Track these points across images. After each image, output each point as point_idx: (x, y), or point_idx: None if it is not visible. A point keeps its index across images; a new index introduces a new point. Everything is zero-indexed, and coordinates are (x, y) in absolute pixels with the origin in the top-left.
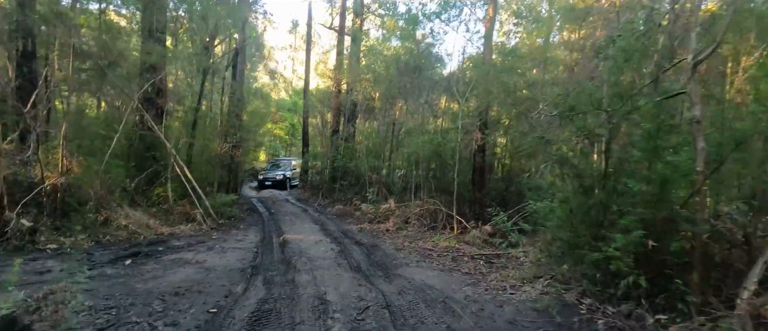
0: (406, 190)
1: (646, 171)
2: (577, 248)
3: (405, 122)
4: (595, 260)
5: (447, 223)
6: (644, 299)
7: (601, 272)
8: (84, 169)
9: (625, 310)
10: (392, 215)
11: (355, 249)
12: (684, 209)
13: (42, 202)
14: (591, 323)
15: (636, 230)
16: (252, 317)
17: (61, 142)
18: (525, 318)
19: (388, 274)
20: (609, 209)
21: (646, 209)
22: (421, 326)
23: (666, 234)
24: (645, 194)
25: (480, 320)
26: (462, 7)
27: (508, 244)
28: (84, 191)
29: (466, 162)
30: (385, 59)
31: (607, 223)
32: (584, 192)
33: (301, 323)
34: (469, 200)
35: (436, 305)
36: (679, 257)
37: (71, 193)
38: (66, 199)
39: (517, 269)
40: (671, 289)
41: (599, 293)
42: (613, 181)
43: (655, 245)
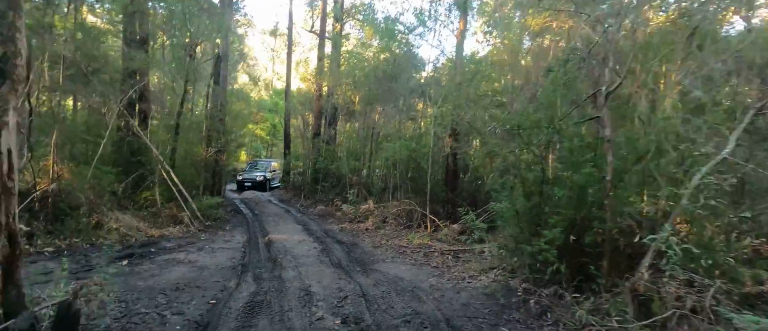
0: (385, 191)
1: (569, 180)
2: (521, 243)
3: (384, 126)
4: (530, 252)
5: (421, 222)
6: (566, 282)
7: (536, 262)
8: (74, 174)
9: (551, 291)
10: (371, 215)
11: (336, 247)
12: (597, 210)
13: (33, 207)
14: (525, 303)
15: (561, 228)
16: (247, 307)
17: (52, 150)
18: (476, 301)
19: (366, 269)
20: (543, 210)
21: (568, 210)
22: (391, 310)
23: (584, 230)
24: (568, 198)
25: (440, 304)
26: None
27: (474, 240)
28: (74, 197)
29: (440, 165)
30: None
31: (542, 222)
32: (526, 196)
33: (290, 311)
34: (442, 201)
35: (405, 293)
36: (593, 248)
37: (62, 198)
38: (58, 204)
39: (479, 262)
40: (586, 273)
41: (535, 279)
42: (547, 187)
43: (575, 239)
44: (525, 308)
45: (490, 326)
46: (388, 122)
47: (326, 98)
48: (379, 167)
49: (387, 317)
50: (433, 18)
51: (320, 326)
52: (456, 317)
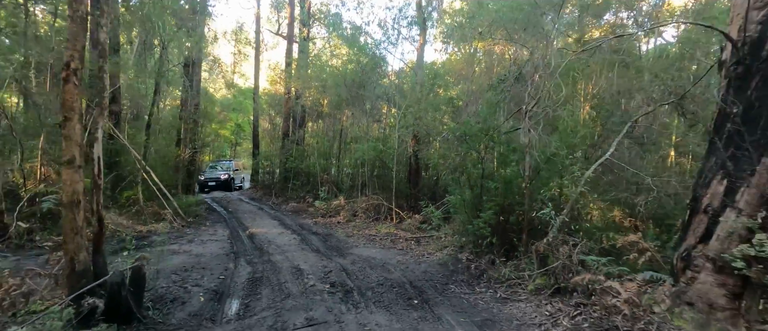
0: (354, 188)
1: (500, 176)
2: (467, 225)
3: (352, 127)
4: (472, 230)
5: (388, 214)
6: (497, 251)
7: (476, 238)
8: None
9: (487, 259)
10: (342, 210)
11: (313, 238)
12: (519, 197)
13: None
14: (468, 268)
15: (494, 211)
16: (249, 281)
17: (39, 154)
18: (433, 270)
19: (342, 253)
20: (482, 198)
21: (499, 198)
22: (367, 279)
23: (509, 212)
24: (498, 189)
25: (405, 273)
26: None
27: (433, 228)
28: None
29: (403, 164)
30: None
31: (481, 207)
32: (470, 188)
33: (286, 282)
34: (405, 195)
35: (377, 267)
36: (516, 225)
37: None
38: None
39: (436, 244)
40: (511, 244)
41: (476, 251)
42: (485, 181)
43: (504, 219)
44: (468, 272)
45: (442, 285)
46: (355, 124)
47: (295, 100)
48: (348, 166)
49: (365, 283)
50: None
51: (313, 290)
52: (417, 280)
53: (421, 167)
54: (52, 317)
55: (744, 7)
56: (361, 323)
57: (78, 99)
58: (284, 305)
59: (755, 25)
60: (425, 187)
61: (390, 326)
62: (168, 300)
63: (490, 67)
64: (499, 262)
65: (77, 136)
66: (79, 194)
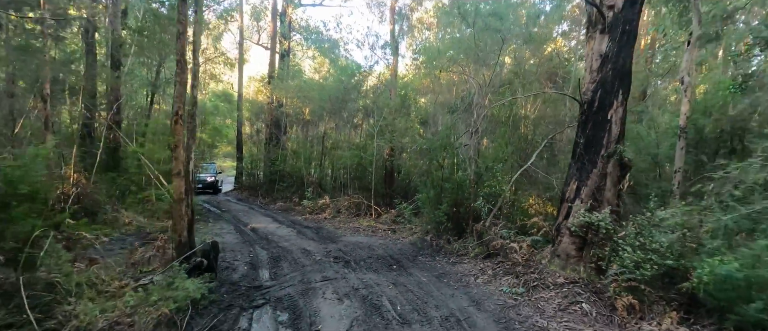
0: (337, 188)
1: (454, 179)
2: (430, 215)
3: (332, 134)
4: (434, 219)
5: (368, 211)
6: (450, 233)
7: (437, 224)
8: (86, 180)
9: (444, 238)
10: (328, 208)
11: (307, 230)
12: (467, 194)
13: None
14: (431, 245)
15: (449, 204)
16: (271, 258)
17: (73, 161)
18: (406, 248)
19: (334, 240)
20: (442, 195)
21: (453, 194)
22: (358, 255)
23: (460, 205)
24: (452, 189)
25: (385, 250)
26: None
27: (405, 220)
28: (92, 198)
29: (380, 168)
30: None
31: (440, 201)
32: (434, 188)
33: (299, 258)
34: (382, 195)
35: (364, 248)
36: (464, 214)
37: (80, 200)
38: (83, 204)
39: (408, 231)
40: (461, 228)
41: (436, 234)
42: (444, 183)
43: (456, 210)
44: (431, 248)
45: (412, 256)
46: (336, 131)
47: (278, 108)
48: (331, 168)
49: (357, 257)
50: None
51: (320, 261)
52: (394, 255)
53: (394, 171)
54: (175, 269)
55: (586, 80)
56: (359, 279)
57: (182, 133)
58: (303, 271)
59: (590, 92)
60: (398, 187)
61: (378, 279)
62: (222, 268)
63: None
64: (453, 240)
65: (182, 157)
66: (182, 194)
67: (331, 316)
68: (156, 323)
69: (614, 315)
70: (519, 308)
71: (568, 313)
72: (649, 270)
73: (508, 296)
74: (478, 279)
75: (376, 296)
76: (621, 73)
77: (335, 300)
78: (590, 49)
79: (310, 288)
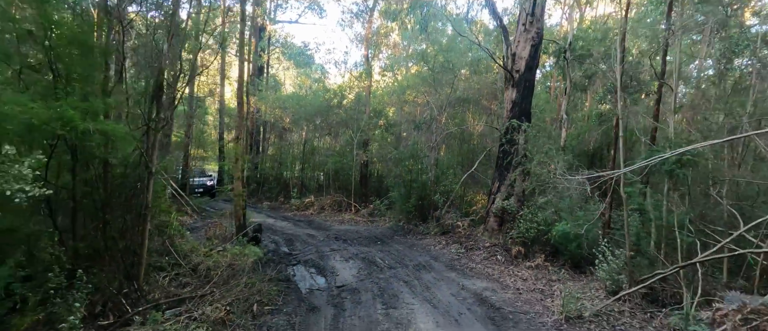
0: (319, 188)
1: (418, 180)
2: (402, 207)
3: (313, 141)
4: (405, 210)
5: (348, 208)
6: (417, 220)
7: (407, 213)
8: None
9: (412, 224)
10: (313, 205)
11: (301, 223)
12: (429, 191)
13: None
14: (403, 229)
15: (416, 198)
16: (286, 240)
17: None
18: (384, 231)
19: (327, 229)
20: (411, 193)
21: (419, 191)
22: (349, 236)
23: (424, 199)
24: (419, 187)
25: (369, 233)
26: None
27: (380, 213)
28: None
29: (358, 170)
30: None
31: (410, 196)
32: (405, 186)
33: (307, 240)
34: (359, 194)
35: (353, 232)
36: (427, 206)
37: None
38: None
39: (383, 221)
40: (425, 215)
41: (407, 220)
42: (412, 183)
43: (421, 203)
44: (403, 231)
45: (390, 237)
46: (318, 138)
47: (259, 116)
48: (313, 171)
49: (350, 237)
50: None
51: (324, 241)
52: (377, 235)
53: (370, 174)
54: (241, 241)
55: (504, 116)
56: (356, 249)
57: (241, 150)
58: (315, 246)
59: (506, 124)
60: (372, 187)
61: (369, 249)
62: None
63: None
64: (419, 224)
65: (240, 166)
66: (241, 190)
67: (343, 269)
68: (248, 267)
69: (512, 259)
70: (460, 260)
71: (489, 261)
72: (533, 232)
73: (455, 254)
74: (436, 247)
75: (371, 257)
76: (525, 113)
77: (343, 260)
78: (506, 96)
79: (323, 255)
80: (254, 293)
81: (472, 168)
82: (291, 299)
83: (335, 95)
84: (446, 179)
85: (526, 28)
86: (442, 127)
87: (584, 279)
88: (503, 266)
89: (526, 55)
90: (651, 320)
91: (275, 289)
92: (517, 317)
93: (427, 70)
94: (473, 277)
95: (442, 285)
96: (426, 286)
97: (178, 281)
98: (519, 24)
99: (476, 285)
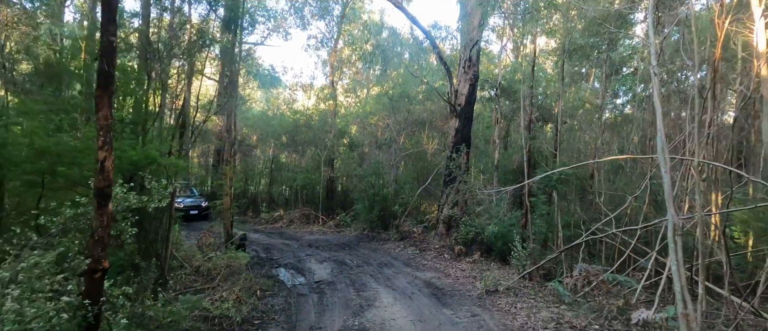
0: (288, 202)
1: (381, 193)
2: (366, 218)
3: (282, 158)
4: (369, 219)
5: (315, 220)
6: (380, 229)
7: (371, 223)
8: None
9: (375, 232)
10: (282, 219)
11: (273, 234)
12: (391, 202)
13: None
14: (367, 237)
15: (379, 209)
16: (265, 249)
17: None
18: (351, 239)
19: (299, 239)
20: (374, 205)
21: (381, 203)
22: (320, 244)
23: (386, 210)
24: (381, 200)
25: (338, 241)
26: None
27: (346, 224)
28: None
29: (324, 185)
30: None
31: (373, 208)
32: (368, 199)
33: (283, 248)
34: (326, 207)
35: (323, 241)
36: (389, 216)
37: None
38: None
39: (349, 231)
40: (386, 224)
41: (371, 230)
42: (375, 196)
43: (383, 213)
44: (367, 238)
45: (356, 243)
46: (285, 154)
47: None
48: (280, 186)
49: (321, 245)
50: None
51: (300, 248)
52: (345, 242)
53: (335, 188)
54: (230, 248)
55: (450, 141)
56: (327, 254)
57: (229, 172)
58: (291, 253)
59: (451, 147)
60: (338, 201)
61: (339, 253)
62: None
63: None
64: (381, 232)
65: (229, 184)
66: (228, 205)
67: (319, 269)
68: (243, 267)
69: (456, 257)
70: (415, 259)
71: (438, 259)
72: (471, 234)
73: (411, 255)
74: (396, 250)
75: (341, 259)
76: (466, 138)
77: (317, 263)
78: (451, 124)
79: (300, 259)
80: (253, 284)
81: (426, 183)
82: (283, 289)
83: (303, 116)
84: (404, 192)
85: (465, 70)
86: (400, 147)
87: (507, 268)
88: (448, 261)
89: (465, 92)
90: (542, 289)
91: (269, 282)
92: (452, 293)
93: (387, 99)
94: (424, 270)
95: (400, 276)
96: (387, 277)
97: (186, 279)
98: (460, 67)
99: (426, 275)
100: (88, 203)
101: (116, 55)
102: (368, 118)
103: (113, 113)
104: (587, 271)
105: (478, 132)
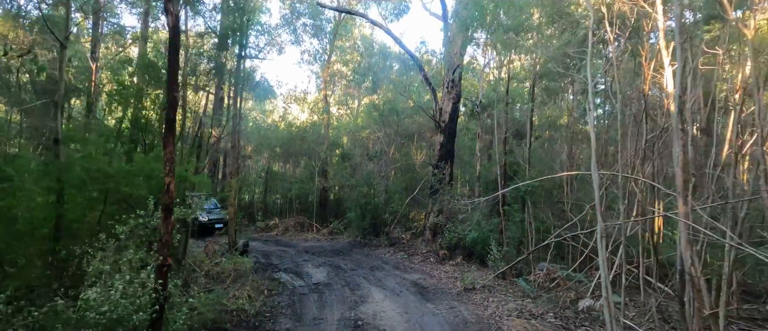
0: (282, 211)
1: (372, 202)
2: (358, 225)
3: (276, 168)
4: (361, 227)
5: (309, 228)
6: (372, 235)
7: (363, 230)
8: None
9: (367, 239)
10: (277, 227)
11: (270, 242)
12: (380, 211)
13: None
14: (359, 244)
15: (371, 216)
16: (264, 255)
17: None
18: (344, 246)
19: (295, 246)
20: (366, 213)
21: (372, 213)
22: (316, 250)
23: (377, 218)
24: (371, 208)
25: (332, 247)
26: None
27: (339, 232)
28: None
29: (318, 195)
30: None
31: (365, 217)
32: (360, 208)
33: (283, 254)
34: (320, 215)
35: (318, 248)
36: (379, 223)
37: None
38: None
39: (342, 238)
40: (377, 231)
41: (363, 236)
42: (367, 205)
43: (374, 221)
44: (360, 245)
45: (349, 249)
46: (279, 164)
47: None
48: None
49: (317, 251)
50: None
51: (296, 254)
52: (339, 249)
53: (328, 198)
54: (235, 254)
55: (435, 155)
56: (323, 259)
57: (235, 184)
58: (289, 258)
59: (436, 160)
60: (331, 209)
61: (334, 259)
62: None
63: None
64: (373, 239)
65: (233, 194)
66: (234, 215)
67: (316, 272)
68: (249, 270)
69: (440, 260)
70: (404, 263)
71: (424, 263)
72: (455, 240)
73: (400, 259)
74: (386, 255)
75: (336, 263)
76: (449, 152)
77: (314, 267)
78: (436, 139)
79: (298, 264)
80: (260, 285)
81: (414, 192)
82: (286, 290)
83: (297, 128)
84: (394, 201)
85: (449, 90)
86: (390, 158)
87: (485, 269)
88: (434, 265)
89: (449, 110)
90: (513, 286)
91: (274, 283)
92: (436, 291)
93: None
94: (412, 272)
95: (390, 278)
96: (378, 279)
97: (200, 280)
98: (444, 87)
99: (413, 277)
100: (146, 215)
101: (178, 107)
102: (360, 132)
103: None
104: (548, 269)
105: (463, 144)
